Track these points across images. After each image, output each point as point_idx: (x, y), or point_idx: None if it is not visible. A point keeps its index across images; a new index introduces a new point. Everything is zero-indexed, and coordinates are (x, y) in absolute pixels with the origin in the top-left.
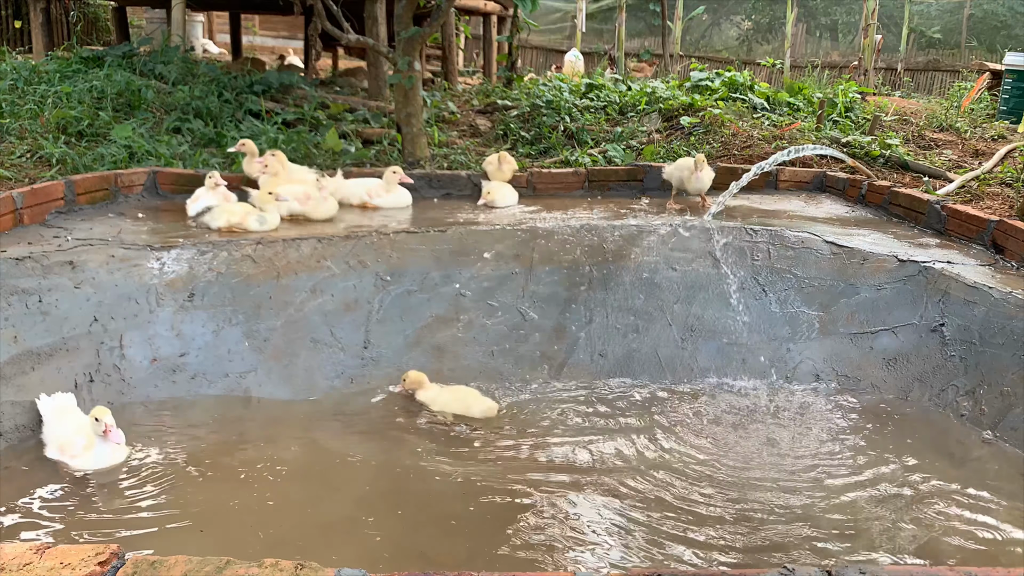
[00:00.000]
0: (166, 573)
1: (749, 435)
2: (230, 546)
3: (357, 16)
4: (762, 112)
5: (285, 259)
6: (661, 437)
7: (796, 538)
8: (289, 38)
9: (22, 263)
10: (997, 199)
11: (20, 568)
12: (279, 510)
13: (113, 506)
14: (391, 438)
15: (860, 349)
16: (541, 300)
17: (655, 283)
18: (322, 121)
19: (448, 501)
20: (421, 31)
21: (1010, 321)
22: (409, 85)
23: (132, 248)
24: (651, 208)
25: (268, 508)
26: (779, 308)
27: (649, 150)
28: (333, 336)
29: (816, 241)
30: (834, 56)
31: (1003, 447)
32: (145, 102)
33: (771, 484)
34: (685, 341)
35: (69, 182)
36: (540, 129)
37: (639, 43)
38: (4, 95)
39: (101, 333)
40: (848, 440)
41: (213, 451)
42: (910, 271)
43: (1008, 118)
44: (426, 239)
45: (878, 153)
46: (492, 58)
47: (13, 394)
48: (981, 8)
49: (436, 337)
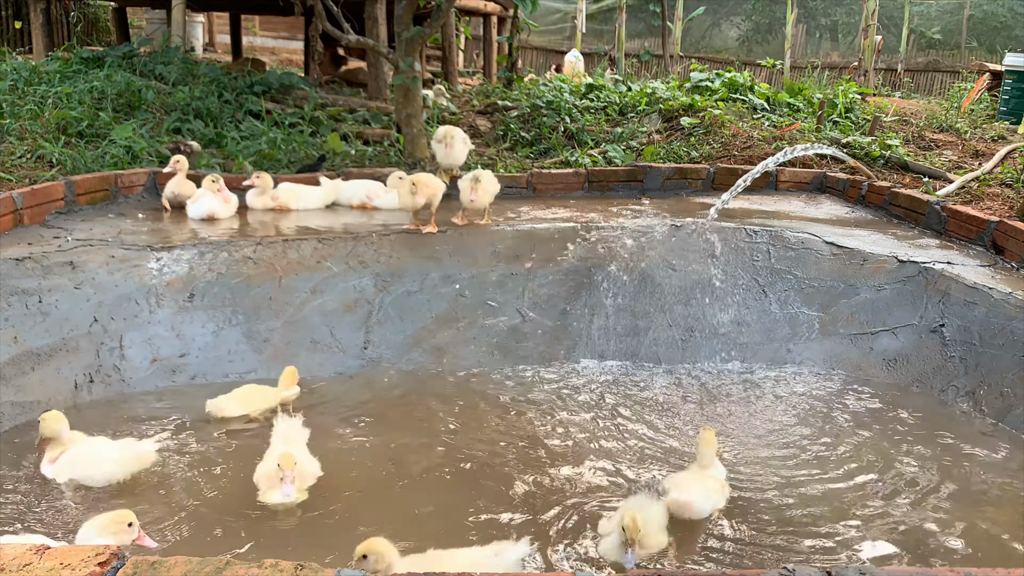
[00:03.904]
0: (166, 573)
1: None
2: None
3: (357, 17)
4: (762, 113)
5: (285, 259)
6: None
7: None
8: (289, 38)
9: (22, 263)
10: (997, 200)
11: (20, 568)
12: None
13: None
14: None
15: (860, 350)
16: (541, 299)
17: (656, 283)
18: (323, 121)
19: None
20: (422, 31)
21: (1010, 322)
22: (412, 86)
23: (132, 248)
24: (652, 208)
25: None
26: (779, 308)
27: (649, 151)
28: (333, 336)
29: (816, 242)
30: (834, 57)
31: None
32: (145, 103)
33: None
34: (685, 341)
35: (69, 183)
36: (540, 130)
37: (639, 44)
38: (4, 95)
39: (101, 334)
40: (844, 434)
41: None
42: (910, 272)
43: (1008, 119)
44: (426, 239)
45: (878, 154)
46: (492, 59)
47: (13, 394)
48: (981, 9)
49: (436, 337)
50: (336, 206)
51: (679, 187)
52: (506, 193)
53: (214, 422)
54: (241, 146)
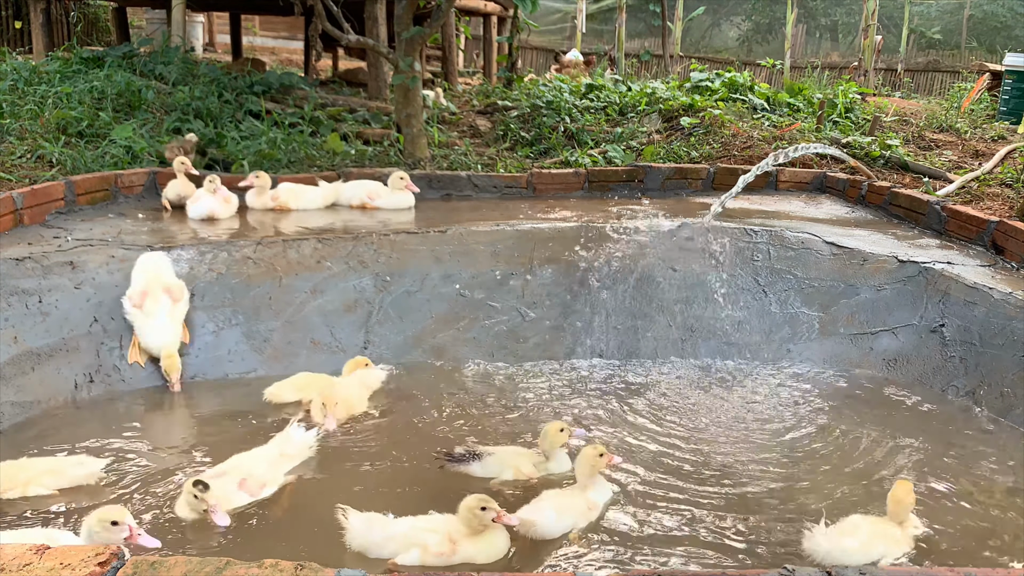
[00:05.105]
0: (166, 573)
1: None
2: None
3: (357, 17)
4: (762, 113)
5: (285, 259)
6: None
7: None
8: (289, 38)
9: (22, 263)
10: (997, 200)
11: (20, 568)
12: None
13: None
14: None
15: (860, 350)
16: (541, 299)
17: (655, 282)
18: (323, 121)
19: None
20: (422, 31)
21: (1010, 322)
22: (412, 85)
23: (132, 248)
24: (652, 209)
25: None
26: (779, 309)
27: (649, 151)
28: (333, 336)
29: (816, 242)
30: (834, 57)
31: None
32: (145, 102)
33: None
34: (684, 341)
35: (69, 183)
36: (540, 130)
37: (639, 44)
38: (4, 95)
39: (101, 333)
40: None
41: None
42: (910, 272)
43: (1008, 119)
44: (426, 239)
45: (878, 154)
46: (492, 59)
47: (13, 394)
48: (981, 9)
49: (437, 337)
50: (336, 206)
51: (679, 187)
52: (506, 193)
53: (273, 407)
54: (241, 146)
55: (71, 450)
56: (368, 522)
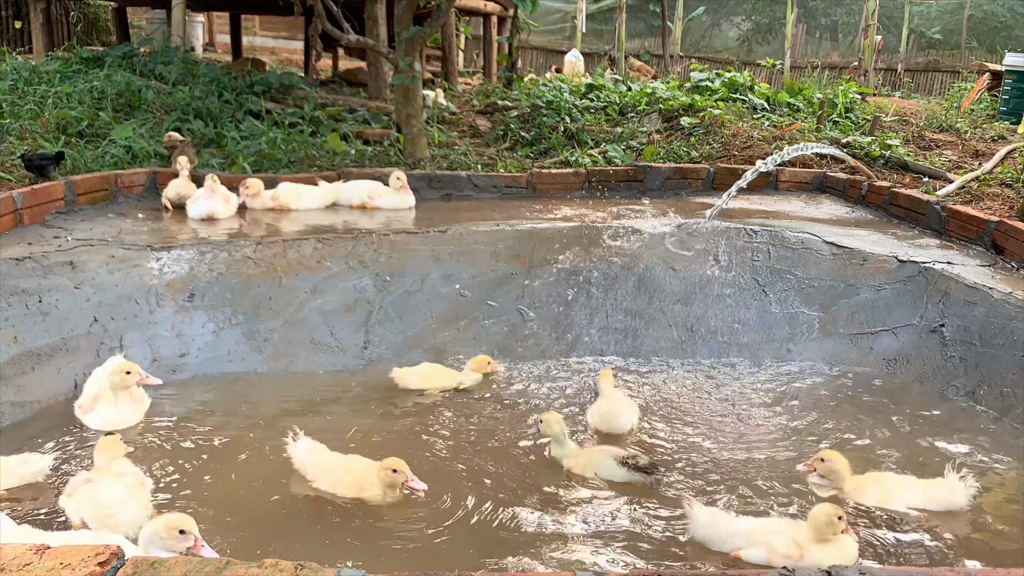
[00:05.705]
0: (166, 573)
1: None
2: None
3: (357, 17)
4: (762, 113)
5: (285, 259)
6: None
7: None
8: (289, 38)
9: (22, 263)
10: (997, 200)
11: (20, 568)
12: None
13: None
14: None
15: (860, 349)
16: (541, 299)
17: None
18: (323, 121)
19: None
20: (422, 31)
21: (1010, 322)
22: (412, 85)
23: (132, 248)
24: (654, 208)
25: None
26: (779, 308)
27: (649, 150)
28: (333, 336)
29: (816, 242)
30: (834, 57)
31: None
32: (145, 102)
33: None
34: (684, 340)
35: (69, 183)
36: (540, 129)
37: (639, 44)
38: (4, 95)
39: (101, 333)
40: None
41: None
42: (910, 272)
43: (1008, 119)
44: (426, 239)
45: (878, 154)
46: (492, 58)
47: (13, 394)
48: (981, 9)
49: (437, 337)
50: (336, 206)
51: (679, 187)
52: (506, 193)
53: (399, 393)
54: (241, 146)
55: (71, 450)
56: (713, 517)
